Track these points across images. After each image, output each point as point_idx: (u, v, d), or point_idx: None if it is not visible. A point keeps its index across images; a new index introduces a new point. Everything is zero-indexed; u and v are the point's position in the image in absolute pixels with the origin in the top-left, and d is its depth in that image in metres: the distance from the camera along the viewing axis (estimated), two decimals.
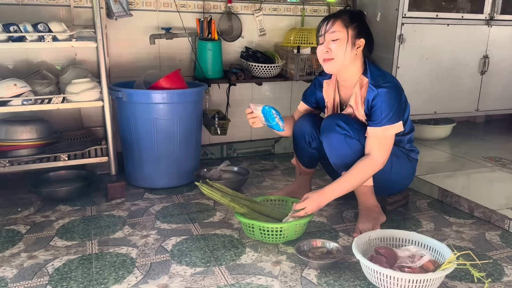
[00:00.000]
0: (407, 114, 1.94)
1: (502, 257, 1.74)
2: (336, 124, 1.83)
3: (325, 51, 1.82)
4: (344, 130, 1.82)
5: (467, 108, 3.24)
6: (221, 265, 1.65)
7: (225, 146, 3.03)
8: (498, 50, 3.17)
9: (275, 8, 2.93)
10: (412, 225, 2.03)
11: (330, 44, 1.81)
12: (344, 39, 1.79)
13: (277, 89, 3.07)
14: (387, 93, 1.78)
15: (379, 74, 1.84)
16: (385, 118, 1.78)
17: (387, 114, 1.78)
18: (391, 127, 1.79)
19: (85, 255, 1.71)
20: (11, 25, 2.04)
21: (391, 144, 1.83)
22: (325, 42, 1.83)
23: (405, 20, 2.81)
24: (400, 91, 1.84)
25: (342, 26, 1.80)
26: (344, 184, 1.81)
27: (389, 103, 1.78)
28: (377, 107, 1.79)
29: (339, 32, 1.79)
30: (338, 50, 1.79)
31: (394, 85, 1.81)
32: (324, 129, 1.89)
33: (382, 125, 1.78)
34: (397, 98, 1.80)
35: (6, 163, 2.14)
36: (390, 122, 1.78)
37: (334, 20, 1.81)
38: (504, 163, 2.77)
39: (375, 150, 1.80)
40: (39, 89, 2.21)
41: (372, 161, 1.80)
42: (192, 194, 2.37)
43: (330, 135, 1.85)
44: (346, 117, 1.87)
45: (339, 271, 1.62)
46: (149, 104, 2.29)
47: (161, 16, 2.65)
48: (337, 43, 1.79)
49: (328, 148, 1.89)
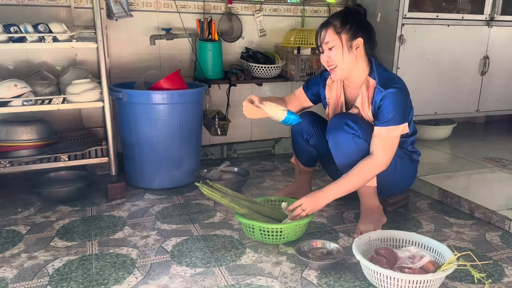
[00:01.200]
0: (411, 116, 1.94)
1: (503, 258, 1.74)
2: (344, 123, 1.82)
3: (326, 59, 1.84)
4: (353, 129, 1.81)
5: (468, 109, 3.24)
6: (221, 265, 1.65)
7: (225, 146, 3.03)
8: (498, 51, 3.17)
9: (275, 8, 2.93)
10: (412, 226, 2.03)
11: (328, 53, 1.83)
12: (339, 46, 1.80)
13: (278, 90, 3.07)
14: (395, 93, 1.78)
15: (387, 76, 1.85)
16: (392, 119, 1.78)
17: (394, 115, 1.77)
18: (397, 127, 1.79)
19: (85, 255, 1.71)
20: (11, 25, 2.04)
21: (395, 145, 1.82)
22: (324, 51, 1.85)
23: (406, 21, 2.81)
24: (407, 93, 1.84)
25: (334, 33, 1.80)
26: (345, 185, 1.81)
27: (396, 104, 1.78)
28: (384, 107, 1.79)
29: (332, 41, 1.81)
30: (336, 57, 1.81)
31: (402, 87, 1.82)
32: (331, 128, 1.87)
33: (388, 125, 1.78)
34: (404, 100, 1.81)
35: (6, 164, 2.14)
36: (396, 122, 1.78)
37: (326, 30, 1.82)
38: (504, 164, 2.77)
39: (378, 150, 1.79)
40: (40, 90, 2.21)
41: (374, 161, 1.79)
42: (192, 195, 2.37)
43: (337, 133, 1.84)
44: (354, 116, 1.86)
45: (339, 272, 1.62)
46: (149, 104, 2.29)
47: (161, 16, 2.65)
48: (333, 50, 1.81)
49: (334, 147, 1.87)
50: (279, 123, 1.84)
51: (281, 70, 2.81)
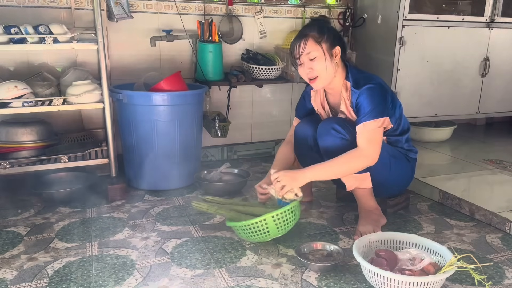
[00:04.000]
0: (398, 112, 1.95)
1: (503, 260, 1.74)
2: (331, 127, 1.86)
3: (307, 71, 1.84)
4: (340, 133, 1.84)
5: (468, 111, 3.24)
6: (221, 267, 1.65)
7: (225, 148, 3.03)
8: (498, 53, 3.17)
9: (275, 10, 2.93)
10: (412, 228, 2.03)
11: (309, 64, 1.83)
12: (321, 56, 1.81)
13: (278, 91, 3.07)
14: (368, 89, 1.81)
15: (360, 76, 1.87)
16: (369, 113, 1.79)
17: (371, 109, 1.79)
18: (376, 121, 1.80)
19: (85, 257, 1.71)
20: (12, 27, 2.04)
21: (378, 137, 1.82)
22: (304, 63, 1.84)
23: (406, 23, 2.81)
24: (382, 89, 1.85)
25: (314, 44, 1.81)
26: (326, 169, 1.82)
27: (372, 99, 1.80)
28: (360, 104, 1.82)
29: (314, 51, 1.81)
30: (319, 66, 1.82)
31: (376, 83, 1.84)
32: (320, 133, 1.91)
33: (367, 119, 1.80)
34: (379, 95, 1.82)
35: (6, 165, 2.14)
36: (375, 116, 1.79)
37: (306, 40, 1.82)
38: (504, 166, 2.76)
39: (361, 142, 1.81)
40: (40, 91, 2.21)
41: (358, 152, 1.80)
42: (192, 196, 2.37)
43: (326, 138, 1.88)
44: (341, 120, 1.89)
45: (340, 274, 1.62)
46: (149, 106, 2.29)
47: (162, 18, 2.66)
48: (316, 61, 1.81)
49: (324, 152, 1.91)
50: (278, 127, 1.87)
51: (282, 72, 2.81)
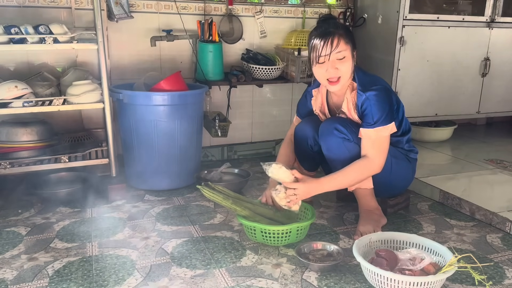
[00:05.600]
0: (401, 114, 1.94)
1: (503, 260, 1.74)
2: (334, 127, 1.84)
3: (331, 71, 1.77)
4: (342, 133, 1.83)
5: (468, 110, 3.24)
6: (221, 267, 1.65)
7: (225, 148, 3.03)
8: (499, 52, 3.17)
9: (276, 10, 2.93)
10: (413, 228, 2.03)
11: (336, 64, 1.76)
12: (349, 57, 1.78)
13: (278, 91, 3.07)
14: (375, 95, 1.78)
15: (366, 79, 1.85)
16: (378, 120, 1.78)
17: (379, 117, 1.78)
18: (384, 128, 1.79)
19: (85, 257, 1.71)
20: (12, 27, 2.04)
21: (386, 145, 1.82)
22: (329, 62, 1.76)
23: (406, 23, 2.81)
24: (388, 93, 1.83)
25: (345, 43, 1.76)
26: (339, 180, 1.82)
27: (379, 106, 1.78)
28: (367, 111, 1.79)
29: (344, 51, 1.76)
30: (345, 68, 1.77)
31: (382, 87, 1.81)
32: (322, 133, 1.90)
33: (376, 126, 1.78)
34: (386, 100, 1.80)
35: (7, 165, 2.14)
36: (383, 123, 1.79)
37: (338, 39, 1.74)
38: (505, 166, 2.76)
39: (371, 153, 1.80)
40: (40, 91, 2.21)
41: (370, 162, 1.80)
42: (192, 196, 2.37)
43: (328, 138, 1.86)
44: (344, 120, 1.88)
45: (340, 274, 1.62)
46: (149, 106, 2.29)
47: (162, 18, 2.66)
48: (344, 61, 1.77)
49: (326, 152, 1.90)
50: (279, 127, 1.86)
51: (282, 72, 2.81)
